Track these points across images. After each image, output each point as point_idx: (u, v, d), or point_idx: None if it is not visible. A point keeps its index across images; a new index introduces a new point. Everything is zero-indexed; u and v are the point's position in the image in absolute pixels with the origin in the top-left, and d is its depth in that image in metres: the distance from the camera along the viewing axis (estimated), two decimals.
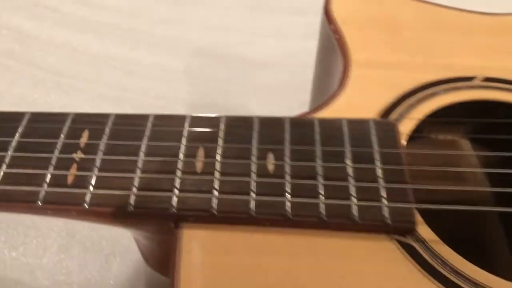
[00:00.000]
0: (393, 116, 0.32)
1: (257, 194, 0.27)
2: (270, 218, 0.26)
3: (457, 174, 0.32)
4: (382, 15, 0.41)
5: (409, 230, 0.26)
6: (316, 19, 0.67)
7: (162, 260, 0.36)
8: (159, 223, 0.27)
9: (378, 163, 0.28)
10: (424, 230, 0.26)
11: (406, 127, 0.31)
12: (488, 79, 0.35)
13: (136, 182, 0.27)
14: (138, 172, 0.28)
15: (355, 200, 0.26)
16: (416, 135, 0.32)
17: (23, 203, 0.27)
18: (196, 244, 0.26)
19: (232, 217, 0.26)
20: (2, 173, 0.28)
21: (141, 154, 0.29)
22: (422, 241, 0.26)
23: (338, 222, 0.26)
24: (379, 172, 0.28)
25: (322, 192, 0.27)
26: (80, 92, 0.50)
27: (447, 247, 0.26)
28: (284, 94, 0.57)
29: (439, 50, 0.37)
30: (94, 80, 0.52)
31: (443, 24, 0.39)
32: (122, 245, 0.40)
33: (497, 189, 0.30)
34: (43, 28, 0.56)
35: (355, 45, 0.38)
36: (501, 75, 0.35)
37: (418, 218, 0.26)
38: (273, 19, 0.68)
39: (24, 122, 0.31)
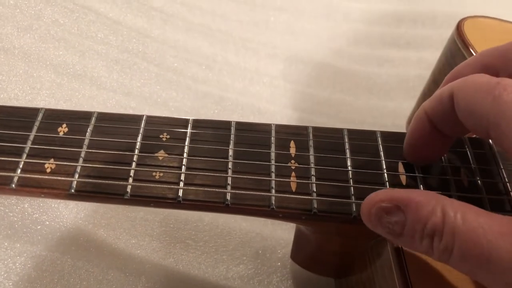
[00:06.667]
0: None
1: None
2: None
3: None
4: None
5: None
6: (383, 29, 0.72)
7: (317, 258, 0.39)
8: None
9: None
10: None
11: None
12: None
13: (352, 191, 0.31)
14: (351, 182, 0.31)
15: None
16: None
17: (258, 207, 0.30)
18: None
19: None
20: (230, 178, 0.31)
21: (349, 167, 0.32)
22: None
23: None
24: None
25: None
26: (203, 95, 0.53)
27: None
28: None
29: None
30: (212, 82, 0.55)
31: None
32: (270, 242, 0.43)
33: None
34: (155, 29, 0.58)
35: None
36: None
37: None
38: (349, 27, 0.72)
39: (233, 130, 0.34)
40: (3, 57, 0.48)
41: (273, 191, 0.31)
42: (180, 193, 0.30)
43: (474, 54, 0.43)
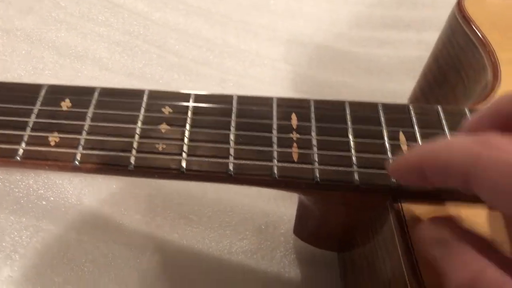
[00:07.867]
0: None
1: None
2: None
3: None
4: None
5: None
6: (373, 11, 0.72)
7: (319, 232, 0.40)
8: (377, 199, 0.31)
9: None
10: None
11: None
12: None
13: (354, 160, 0.31)
14: (353, 151, 0.32)
15: None
16: None
17: (261, 176, 0.31)
18: (417, 218, 0.30)
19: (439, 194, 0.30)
20: (233, 149, 0.31)
21: (350, 136, 0.32)
22: None
23: None
24: None
25: None
26: (204, 77, 0.53)
27: None
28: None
29: None
30: (213, 65, 0.55)
31: None
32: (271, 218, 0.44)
33: None
34: (156, 12, 0.58)
35: (496, 45, 0.42)
36: None
37: None
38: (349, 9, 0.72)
39: (234, 103, 0.34)
40: (5, 39, 0.48)
41: (275, 161, 0.31)
42: (184, 163, 0.31)
43: (475, 29, 0.43)
